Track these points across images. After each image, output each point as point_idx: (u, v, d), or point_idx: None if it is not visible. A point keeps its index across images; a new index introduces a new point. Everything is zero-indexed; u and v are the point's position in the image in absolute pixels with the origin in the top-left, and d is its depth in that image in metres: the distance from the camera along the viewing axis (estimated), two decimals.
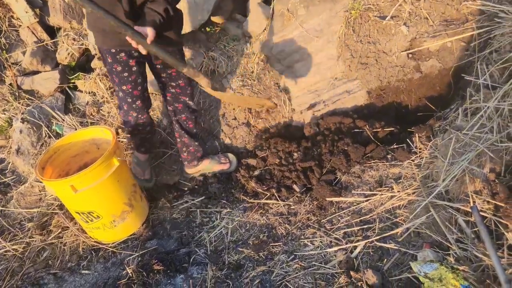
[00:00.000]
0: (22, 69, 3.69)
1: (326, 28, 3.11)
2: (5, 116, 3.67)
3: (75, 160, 2.81)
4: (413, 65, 2.97)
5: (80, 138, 2.76)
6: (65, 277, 2.67)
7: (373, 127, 2.88)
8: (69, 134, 2.80)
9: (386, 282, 2.06)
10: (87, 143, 2.77)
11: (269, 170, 2.97)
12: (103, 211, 2.56)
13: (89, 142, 2.77)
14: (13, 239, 3.03)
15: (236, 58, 3.47)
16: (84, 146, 2.77)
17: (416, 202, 2.29)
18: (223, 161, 3.12)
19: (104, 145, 2.74)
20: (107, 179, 2.45)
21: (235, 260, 2.46)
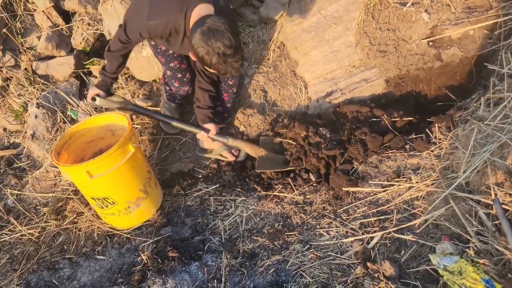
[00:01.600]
0: (37, 54, 3.69)
1: (344, 15, 3.05)
2: (20, 101, 3.69)
3: (90, 146, 2.81)
4: (433, 53, 2.90)
5: (95, 124, 2.75)
6: (80, 262, 2.69)
7: (391, 116, 2.82)
8: (84, 120, 2.80)
9: (403, 274, 2.03)
10: (102, 129, 2.77)
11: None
12: (118, 197, 2.57)
13: (104, 128, 2.77)
14: (28, 224, 3.06)
15: (252, 44, 3.42)
16: (99, 132, 2.77)
17: (435, 194, 2.25)
18: (234, 152, 3.12)
19: (119, 131, 2.73)
20: (122, 165, 2.44)
21: (250, 249, 2.44)
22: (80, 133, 2.74)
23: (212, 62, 2.22)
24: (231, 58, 2.21)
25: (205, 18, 2.21)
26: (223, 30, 2.15)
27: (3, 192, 3.35)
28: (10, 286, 2.64)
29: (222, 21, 2.17)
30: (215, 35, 2.15)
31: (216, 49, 2.16)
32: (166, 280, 2.27)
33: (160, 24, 2.36)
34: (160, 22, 2.36)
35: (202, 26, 2.17)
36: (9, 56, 3.69)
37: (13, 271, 2.76)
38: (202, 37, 2.16)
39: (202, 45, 2.17)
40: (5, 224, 3.12)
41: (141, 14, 2.39)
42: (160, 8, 2.38)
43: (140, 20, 2.39)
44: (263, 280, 2.22)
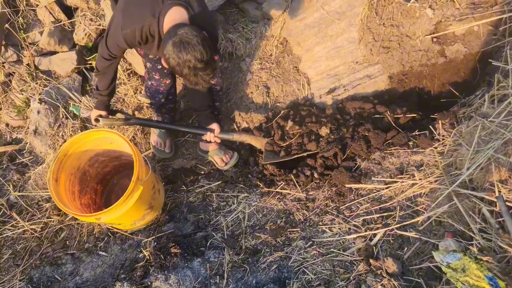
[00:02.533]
0: (39, 49, 3.68)
1: (348, 11, 3.03)
2: (22, 97, 3.68)
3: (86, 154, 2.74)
4: (437, 49, 2.88)
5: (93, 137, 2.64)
6: (83, 258, 2.70)
7: (394, 113, 2.81)
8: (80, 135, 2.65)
9: (406, 271, 2.03)
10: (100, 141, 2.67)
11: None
12: (125, 222, 2.59)
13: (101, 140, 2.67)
14: (31, 219, 3.06)
15: (255, 40, 3.41)
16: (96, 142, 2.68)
17: (438, 191, 2.24)
18: (224, 158, 3.08)
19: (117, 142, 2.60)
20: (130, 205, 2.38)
21: (252, 245, 2.44)
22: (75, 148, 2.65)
23: (183, 73, 2.19)
24: (201, 72, 2.18)
25: (178, 28, 2.15)
26: (195, 43, 2.10)
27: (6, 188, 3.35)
28: (13, 281, 2.64)
29: (194, 33, 2.12)
30: (186, 48, 2.10)
31: (187, 62, 2.12)
32: (169, 276, 2.27)
33: (135, 31, 2.32)
34: (135, 29, 2.31)
35: (173, 37, 2.12)
36: (12, 51, 3.67)
37: (15, 267, 2.77)
38: (173, 48, 2.12)
39: (173, 56, 2.14)
40: (7, 219, 3.12)
41: (116, 26, 2.36)
42: (132, 16, 2.33)
43: (116, 32, 2.35)
44: (266, 277, 2.23)
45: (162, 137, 3.20)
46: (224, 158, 3.07)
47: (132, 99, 3.53)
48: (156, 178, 2.82)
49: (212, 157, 3.12)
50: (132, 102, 3.52)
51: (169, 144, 3.25)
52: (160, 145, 3.20)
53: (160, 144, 3.20)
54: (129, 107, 3.51)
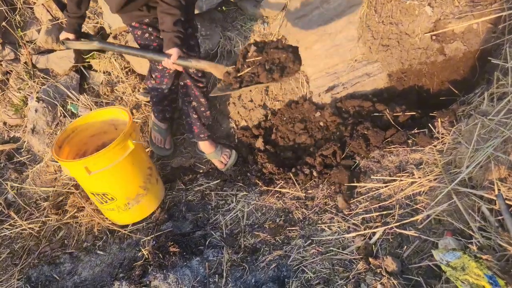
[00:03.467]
0: (37, 48, 3.66)
1: (347, 8, 3.02)
2: (20, 95, 3.67)
3: (92, 140, 2.79)
4: (436, 47, 2.88)
5: (98, 118, 2.73)
6: (81, 257, 2.68)
7: (393, 111, 2.80)
8: (87, 114, 2.78)
9: (406, 269, 2.02)
10: (105, 123, 2.75)
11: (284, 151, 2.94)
12: (117, 194, 2.55)
13: (107, 122, 2.75)
14: (29, 218, 3.05)
15: (253, 38, 3.39)
16: (102, 126, 2.75)
17: (438, 189, 2.23)
18: (222, 160, 3.05)
19: (121, 126, 2.71)
20: (121, 161, 2.42)
21: (251, 244, 2.44)
22: (82, 127, 2.71)
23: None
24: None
25: None
26: None
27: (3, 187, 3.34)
28: (11, 280, 2.63)
29: None
30: None
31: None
32: (167, 275, 2.26)
33: None
34: None
35: None
36: (9, 49, 3.66)
37: (13, 266, 2.75)
38: None
39: None
40: (5, 218, 3.10)
41: None
42: None
43: None
44: (265, 275, 2.22)
45: (162, 134, 3.18)
46: (222, 159, 3.04)
47: (130, 97, 3.52)
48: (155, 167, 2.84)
49: (210, 160, 3.11)
50: (130, 101, 3.51)
51: (169, 140, 3.24)
52: (160, 142, 3.19)
53: (160, 141, 3.19)
54: (127, 105, 3.50)
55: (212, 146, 3.05)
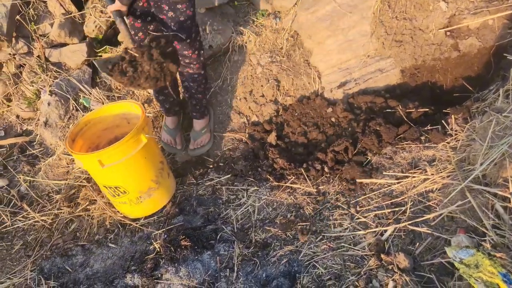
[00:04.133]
0: (50, 41, 3.68)
1: (360, 3, 3.00)
2: (33, 88, 3.69)
3: (105, 134, 2.81)
4: (451, 43, 2.85)
5: (111, 112, 2.74)
6: (93, 249, 2.70)
7: (406, 107, 2.79)
8: (99, 108, 2.79)
9: (418, 266, 2.01)
10: (118, 117, 2.76)
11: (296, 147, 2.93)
12: (129, 187, 2.56)
13: (120, 116, 2.76)
14: (41, 210, 3.08)
15: (265, 33, 3.39)
16: (115, 120, 2.76)
17: (451, 186, 2.22)
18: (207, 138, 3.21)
19: (134, 120, 2.72)
20: (134, 155, 2.43)
21: (262, 239, 2.44)
22: (95, 121, 2.73)
23: None
24: None
25: None
26: None
27: (16, 179, 3.37)
28: (24, 271, 2.66)
29: None
30: None
31: None
32: (179, 268, 2.27)
33: None
34: None
35: None
36: (22, 43, 3.68)
37: (27, 257, 2.78)
38: None
39: None
40: (18, 210, 3.14)
41: None
42: None
43: None
44: (276, 270, 2.22)
45: (171, 134, 3.19)
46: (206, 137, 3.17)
47: (141, 91, 3.53)
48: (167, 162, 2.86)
49: (201, 136, 3.22)
50: (142, 95, 3.53)
51: (180, 140, 3.23)
52: (170, 142, 3.19)
53: (170, 141, 3.19)
54: (139, 99, 3.51)
55: (207, 119, 3.17)
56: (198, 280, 2.23)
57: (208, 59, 3.45)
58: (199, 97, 3.01)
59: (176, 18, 2.52)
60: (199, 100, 3.03)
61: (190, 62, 2.78)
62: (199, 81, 2.91)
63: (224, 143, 3.24)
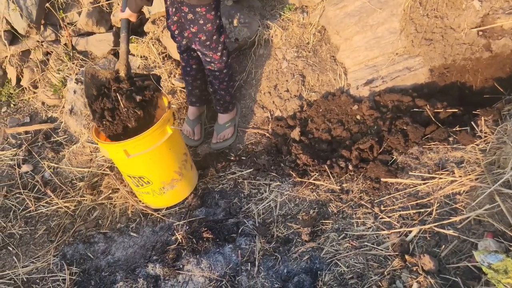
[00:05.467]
0: (77, 30, 3.72)
1: (390, 0, 2.95)
2: (59, 76, 3.74)
3: None
4: (483, 43, 2.78)
5: None
6: (115, 237, 2.73)
7: (434, 107, 2.73)
8: None
9: (443, 269, 1.98)
10: None
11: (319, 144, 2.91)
12: (153, 177, 2.58)
13: None
14: (65, 197, 3.12)
15: (292, 28, 3.36)
16: None
17: (479, 189, 2.17)
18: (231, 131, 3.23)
19: (158, 111, 2.72)
20: (159, 146, 2.45)
21: (284, 234, 2.43)
22: None
23: None
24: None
25: None
26: None
27: (41, 165, 3.42)
28: (47, 256, 2.70)
29: None
30: None
31: None
32: (201, 260, 2.28)
33: None
34: None
35: None
36: (50, 30, 3.73)
37: (49, 242, 2.83)
38: None
39: None
40: (42, 196, 3.19)
41: None
42: None
43: None
44: (297, 267, 2.21)
45: (190, 125, 3.22)
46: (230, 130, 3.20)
47: (166, 82, 3.54)
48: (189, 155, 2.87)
49: (224, 130, 3.24)
50: (166, 86, 3.53)
51: (198, 131, 3.25)
52: (188, 133, 3.22)
53: (188, 132, 3.22)
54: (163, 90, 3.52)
55: (232, 114, 3.20)
56: (219, 272, 2.23)
57: (234, 52, 3.44)
58: (221, 94, 3.03)
59: (195, 21, 2.53)
60: (222, 96, 3.04)
61: (211, 61, 2.81)
62: (221, 78, 2.93)
63: (246, 137, 3.24)
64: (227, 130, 3.18)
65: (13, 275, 2.63)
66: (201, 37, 2.63)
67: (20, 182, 3.30)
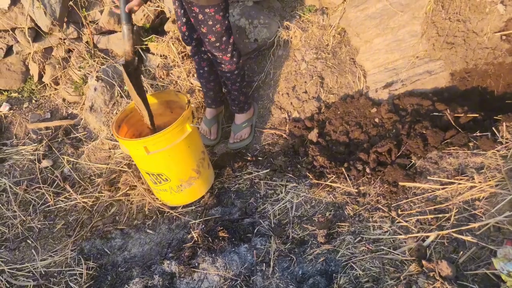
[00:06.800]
0: (99, 28, 3.77)
1: (412, 3, 2.92)
2: (80, 73, 3.79)
3: None
4: (506, 48, 2.74)
5: (155, 100, 2.78)
6: (131, 234, 2.76)
7: (454, 111, 2.70)
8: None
9: (461, 275, 1.96)
10: (162, 106, 2.80)
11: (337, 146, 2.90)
12: (172, 175, 2.60)
13: (163, 105, 2.80)
14: (83, 192, 3.17)
15: (311, 29, 3.36)
16: (159, 108, 2.80)
17: (499, 196, 2.14)
18: (248, 131, 3.25)
19: (177, 109, 2.76)
20: (178, 144, 2.47)
21: (299, 236, 2.43)
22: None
23: None
24: None
25: None
26: None
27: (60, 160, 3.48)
28: (65, 250, 2.74)
29: None
30: None
31: None
32: (216, 259, 2.29)
33: None
34: None
35: None
36: (73, 28, 3.78)
37: (67, 237, 2.87)
38: None
39: None
40: (61, 191, 3.24)
41: None
42: None
43: None
44: (312, 268, 2.21)
45: (207, 124, 3.24)
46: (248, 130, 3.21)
47: (184, 82, 3.57)
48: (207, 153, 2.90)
49: (241, 130, 3.25)
50: (184, 85, 3.56)
51: (215, 131, 3.27)
52: (205, 132, 3.24)
53: (205, 131, 3.24)
54: (181, 89, 3.55)
55: (248, 114, 3.22)
56: (234, 272, 2.24)
57: (253, 52, 3.45)
58: (235, 94, 3.05)
59: (205, 21, 2.55)
60: (236, 96, 3.07)
61: (221, 62, 2.83)
62: (232, 79, 2.95)
63: (263, 137, 3.24)
64: (244, 130, 3.19)
65: (31, 268, 2.67)
66: (211, 38, 2.65)
67: (40, 177, 3.36)
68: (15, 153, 3.62)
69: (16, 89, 4.15)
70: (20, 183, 3.35)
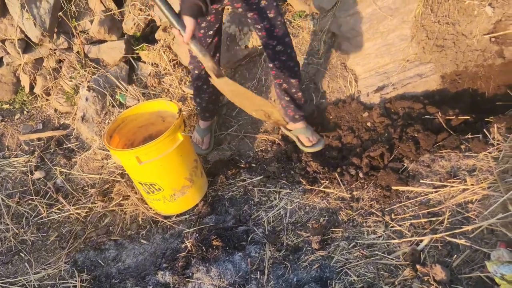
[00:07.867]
0: (89, 38, 3.76)
1: (402, 7, 2.93)
2: (71, 83, 3.78)
3: (140, 131, 2.85)
4: (495, 49, 2.76)
5: (147, 109, 2.78)
6: (125, 244, 2.74)
7: (446, 114, 2.71)
8: (136, 105, 2.83)
9: (455, 279, 1.95)
10: (153, 115, 2.79)
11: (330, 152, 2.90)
12: (164, 184, 2.59)
13: (155, 114, 2.80)
14: (76, 203, 3.14)
15: (302, 35, 3.36)
16: (151, 118, 2.79)
17: (492, 198, 2.14)
18: (311, 139, 2.90)
19: (169, 118, 2.75)
20: (170, 153, 2.46)
21: (294, 242, 2.42)
22: (132, 118, 2.77)
23: None
24: None
25: None
26: None
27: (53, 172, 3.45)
28: (59, 263, 2.72)
29: None
30: None
31: None
32: (210, 268, 2.28)
33: None
34: None
35: None
36: (63, 39, 3.77)
37: (61, 249, 2.85)
38: None
39: None
40: (54, 202, 3.21)
41: None
42: None
43: None
44: (307, 275, 2.20)
45: (200, 134, 3.21)
46: (311, 138, 2.88)
47: (176, 89, 3.57)
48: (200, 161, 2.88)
49: (296, 135, 2.97)
50: (176, 93, 3.56)
51: (207, 141, 3.24)
52: (197, 141, 3.21)
53: (197, 141, 3.21)
54: (174, 97, 3.54)
55: (304, 123, 2.93)
56: (228, 281, 2.23)
57: (244, 59, 3.45)
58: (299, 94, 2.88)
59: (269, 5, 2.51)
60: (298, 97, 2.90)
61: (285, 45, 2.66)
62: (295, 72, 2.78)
63: (256, 143, 3.24)
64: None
65: (25, 282, 2.65)
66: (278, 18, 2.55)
67: (33, 188, 3.34)
68: (7, 165, 3.59)
69: (8, 101, 4.13)
70: (12, 196, 3.32)
